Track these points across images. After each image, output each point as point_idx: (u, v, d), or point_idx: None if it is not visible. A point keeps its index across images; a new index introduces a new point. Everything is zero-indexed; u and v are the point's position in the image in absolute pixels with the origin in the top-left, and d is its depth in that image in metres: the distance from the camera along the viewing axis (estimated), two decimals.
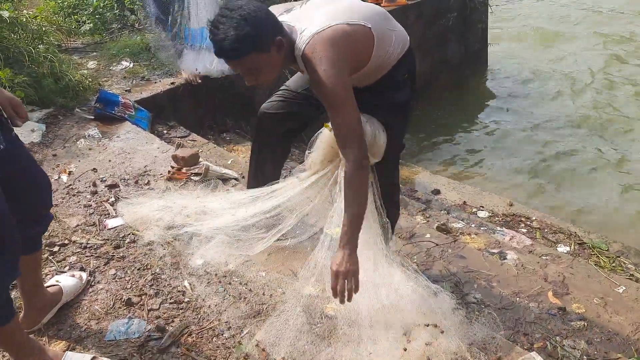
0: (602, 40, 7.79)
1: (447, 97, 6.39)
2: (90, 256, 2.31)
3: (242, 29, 1.68)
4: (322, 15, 1.84)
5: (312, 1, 1.96)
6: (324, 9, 1.88)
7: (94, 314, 2.00)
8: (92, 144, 3.30)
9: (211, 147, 3.55)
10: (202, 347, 1.86)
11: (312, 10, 1.90)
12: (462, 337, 1.89)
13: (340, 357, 1.80)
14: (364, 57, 1.92)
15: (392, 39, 1.97)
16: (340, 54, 1.77)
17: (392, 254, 2.18)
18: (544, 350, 2.06)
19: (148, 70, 4.50)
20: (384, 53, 1.95)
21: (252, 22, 1.69)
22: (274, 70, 1.84)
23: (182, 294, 2.10)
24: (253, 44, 1.72)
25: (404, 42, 2.04)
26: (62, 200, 2.71)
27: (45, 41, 3.94)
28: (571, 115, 5.94)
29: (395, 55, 2.00)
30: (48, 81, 3.62)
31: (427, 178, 4.11)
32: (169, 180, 2.90)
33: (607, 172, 4.85)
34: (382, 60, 1.97)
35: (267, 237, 2.25)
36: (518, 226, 3.35)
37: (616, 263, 2.93)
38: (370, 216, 2.06)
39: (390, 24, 2.02)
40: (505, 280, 2.45)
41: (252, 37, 1.70)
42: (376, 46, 1.90)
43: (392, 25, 2.03)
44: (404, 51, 2.04)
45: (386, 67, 2.00)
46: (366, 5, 1.99)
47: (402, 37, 2.04)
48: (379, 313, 1.96)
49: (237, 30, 1.68)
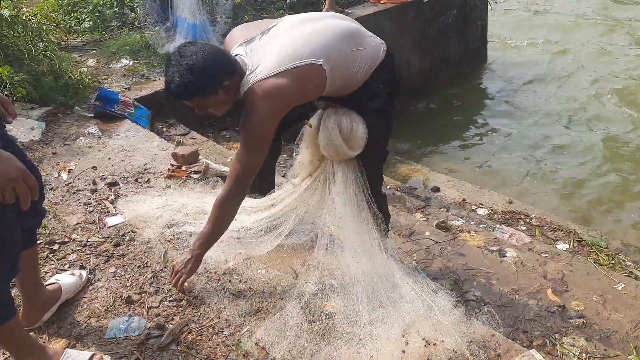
0: (604, 32, 7.79)
1: (446, 94, 6.39)
2: (90, 254, 2.31)
3: (186, 78, 1.81)
4: (271, 56, 1.90)
5: (275, 27, 2.01)
6: (279, 41, 1.94)
7: (94, 312, 2.00)
8: (92, 142, 3.30)
9: (211, 145, 3.55)
10: (202, 344, 1.86)
11: (268, 42, 1.96)
12: (461, 335, 1.89)
13: (339, 355, 1.80)
14: (317, 89, 1.99)
15: (356, 61, 2.00)
16: (274, 106, 1.89)
17: (391, 252, 2.19)
18: (543, 347, 2.06)
19: (148, 68, 4.50)
20: (343, 78, 1.99)
21: (198, 73, 1.81)
22: (222, 107, 1.98)
23: (182, 292, 2.10)
24: (195, 92, 1.86)
25: (374, 58, 2.05)
26: (62, 199, 2.71)
27: (44, 39, 3.95)
28: (572, 111, 5.95)
29: (363, 73, 2.03)
30: (48, 79, 3.62)
31: (426, 175, 4.11)
32: (168, 178, 2.90)
33: (610, 168, 4.85)
34: (344, 83, 2.01)
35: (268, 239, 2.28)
36: (517, 224, 3.36)
37: (615, 260, 2.93)
38: (366, 212, 2.08)
39: (356, 43, 2.02)
40: (505, 278, 2.45)
41: (194, 86, 1.83)
42: (329, 77, 1.95)
43: (358, 44, 2.03)
44: (375, 66, 2.05)
45: (353, 85, 2.05)
46: (327, 29, 2.00)
47: (372, 54, 2.05)
48: (378, 311, 1.96)
49: (182, 78, 1.81)
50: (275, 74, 1.87)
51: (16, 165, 1.23)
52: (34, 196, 1.27)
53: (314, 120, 2.19)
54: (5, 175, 1.20)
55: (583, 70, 6.85)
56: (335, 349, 1.82)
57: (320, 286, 2.08)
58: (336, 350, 1.82)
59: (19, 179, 1.23)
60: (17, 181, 1.22)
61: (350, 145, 2.09)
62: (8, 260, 1.52)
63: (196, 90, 1.85)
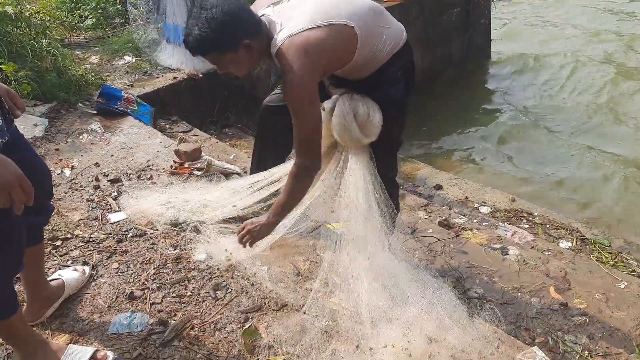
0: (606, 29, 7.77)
1: (449, 92, 6.38)
2: (93, 250, 2.31)
3: (204, 31, 1.74)
4: (302, 14, 1.83)
5: None
6: (308, 5, 1.87)
7: (96, 308, 2.01)
8: (95, 138, 3.31)
9: (213, 142, 3.55)
10: (204, 340, 1.87)
11: (297, 5, 1.89)
12: (463, 332, 1.89)
13: (342, 351, 1.80)
14: (345, 57, 1.92)
15: (382, 36, 1.95)
16: (309, 62, 1.79)
17: (394, 249, 2.19)
18: (545, 345, 2.06)
19: (150, 65, 4.50)
20: (370, 51, 1.94)
21: (217, 27, 1.74)
22: (243, 67, 1.89)
23: (185, 288, 2.10)
24: (212, 46, 1.78)
25: (397, 40, 2.01)
26: (64, 195, 2.72)
27: (48, 36, 3.96)
28: (576, 107, 5.93)
29: (385, 53, 1.98)
30: (51, 76, 3.63)
31: (429, 173, 4.10)
32: (171, 174, 2.90)
33: (614, 166, 4.84)
34: (368, 58, 1.96)
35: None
36: (520, 222, 3.35)
37: (618, 259, 2.93)
38: (375, 207, 2.07)
39: (383, 20, 1.99)
40: (507, 276, 2.45)
41: (212, 40, 1.76)
42: (360, 45, 1.89)
43: (385, 22, 2.00)
44: (397, 49, 2.01)
45: (376, 64, 1.99)
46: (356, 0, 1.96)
47: (395, 35, 2.01)
48: (381, 308, 1.96)
49: (200, 31, 1.74)
50: (308, 28, 1.79)
51: (12, 170, 1.20)
52: (29, 202, 1.24)
53: (329, 104, 2.12)
54: (0, 180, 1.17)
55: (590, 68, 6.81)
56: (338, 345, 1.82)
57: (323, 282, 2.08)
58: (339, 346, 1.82)
59: (14, 184, 1.20)
60: (13, 187, 1.19)
61: (365, 132, 2.04)
62: (12, 257, 1.52)
63: (213, 46, 1.77)
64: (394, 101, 2.09)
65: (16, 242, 1.51)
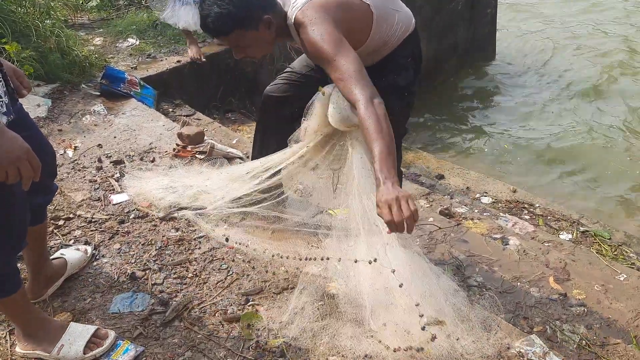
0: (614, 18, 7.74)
1: (454, 81, 6.36)
2: (95, 230, 2.32)
3: (225, 8, 1.67)
4: None
5: None
6: None
7: (98, 287, 2.02)
8: (98, 120, 3.31)
9: (216, 126, 3.55)
10: (204, 321, 1.88)
11: None
12: (462, 319, 1.90)
13: (341, 335, 1.81)
14: (361, 36, 1.87)
15: (394, 19, 1.92)
16: (331, 14, 1.70)
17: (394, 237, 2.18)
18: (543, 333, 2.07)
19: (154, 48, 4.49)
20: (384, 33, 1.90)
21: (238, 2, 1.67)
22: (263, 46, 1.82)
23: (186, 270, 2.11)
24: (235, 23, 1.70)
25: (408, 24, 1.99)
26: (67, 175, 2.72)
27: (52, 16, 3.95)
28: (581, 97, 5.91)
29: (397, 37, 1.95)
30: (54, 56, 3.62)
31: (431, 163, 4.11)
32: (174, 157, 2.90)
33: (618, 159, 4.83)
34: (382, 41, 1.92)
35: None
36: (521, 213, 3.36)
37: (618, 252, 2.94)
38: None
39: (394, 4, 1.97)
40: (507, 265, 2.46)
41: (234, 16, 1.68)
42: (375, 24, 1.85)
43: (396, 5, 1.98)
44: (407, 33, 1.99)
45: (388, 48, 1.96)
46: None
47: (406, 19, 1.99)
48: (381, 293, 1.96)
49: (220, 8, 1.67)
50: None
51: (20, 144, 1.21)
52: (36, 177, 1.25)
53: (329, 89, 2.05)
54: (9, 154, 1.18)
55: (594, 61, 6.78)
56: (337, 329, 1.83)
57: (323, 267, 2.09)
58: (339, 330, 1.83)
59: (23, 159, 1.20)
60: (21, 161, 1.20)
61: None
62: (15, 235, 1.53)
63: (236, 23, 1.70)
64: (401, 89, 2.06)
65: (19, 221, 1.52)
